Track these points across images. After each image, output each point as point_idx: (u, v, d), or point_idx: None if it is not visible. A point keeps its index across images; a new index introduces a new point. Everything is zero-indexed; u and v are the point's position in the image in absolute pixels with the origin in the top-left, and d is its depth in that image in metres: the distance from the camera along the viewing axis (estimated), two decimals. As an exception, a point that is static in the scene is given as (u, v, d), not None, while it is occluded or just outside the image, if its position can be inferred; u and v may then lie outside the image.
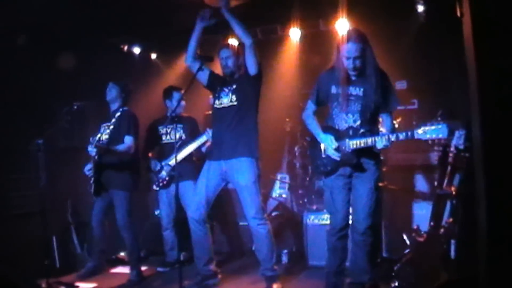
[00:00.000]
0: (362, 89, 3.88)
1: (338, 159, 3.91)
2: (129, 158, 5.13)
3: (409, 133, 3.65)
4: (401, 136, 3.69)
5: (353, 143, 3.83)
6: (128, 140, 5.06)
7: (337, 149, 3.90)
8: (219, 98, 4.71)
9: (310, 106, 4.21)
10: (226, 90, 4.69)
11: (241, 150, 4.57)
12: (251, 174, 4.56)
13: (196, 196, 4.76)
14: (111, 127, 5.18)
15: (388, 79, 3.98)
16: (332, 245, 4.13)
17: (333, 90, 3.99)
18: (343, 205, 4.04)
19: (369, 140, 3.77)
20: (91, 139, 5.00)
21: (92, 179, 5.15)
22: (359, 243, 4.03)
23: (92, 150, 4.96)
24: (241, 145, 4.57)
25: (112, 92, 5.26)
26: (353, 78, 3.92)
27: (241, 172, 4.57)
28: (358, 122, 3.89)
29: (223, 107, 4.67)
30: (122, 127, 5.14)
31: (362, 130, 3.85)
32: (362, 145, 3.81)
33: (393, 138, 3.70)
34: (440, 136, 3.50)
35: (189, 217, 4.72)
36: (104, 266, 5.61)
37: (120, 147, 5.02)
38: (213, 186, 4.70)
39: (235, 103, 4.61)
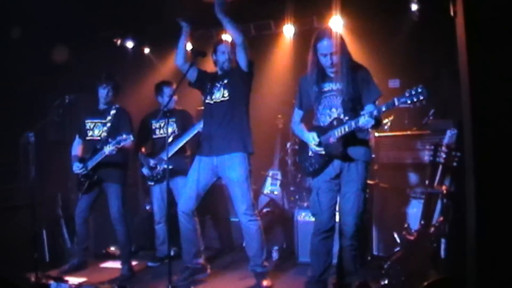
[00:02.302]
0: (341, 84, 3.88)
1: (323, 152, 3.91)
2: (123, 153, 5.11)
3: (390, 103, 3.60)
4: (384, 107, 3.62)
5: (338, 131, 3.82)
6: (131, 138, 5.02)
7: (319, 144, 3.90)
8: (211, 93, 4.70)
9: (297, 113, 4.24)
10: (218, 85, 4.68)
11: (234, 145, 4.56)
12: (243, 169, 4.56)
13: (186, 189, 4.75)
14: (108, 124, 5.16)
15: (366, 70, 3.97)
16: (316, 247, 4.11)
17: (314, 89, 4.00)
18: (328, 206, 4.02)
19: (352, 123, 3.72)
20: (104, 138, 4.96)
21: (84, 176, 5.13)
22: (346, 247, 4.03)
23: (112, 149, 4.83)
24: (234, 140, 4.56)
25: (106, 90, 5.20)
26: (331, 74, 3.95)
27: (233, 168, 4.56)
28: (342, 114, 3.89)
29: (215, 102, 4.66)
30: (121, 125, 5.13)
31: (346, 118, 3.85)
32: (347, 129, 3.76)
33: (375, 112, 3.64)
34: (421, 98, 3.45)
35: (178, 210, 4.72)
36: (87, 263, 5.56)
37: (127, 145, 4.97)
38: (204, 181, 4.69)
39: (227, 98, 4.61)
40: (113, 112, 5.20)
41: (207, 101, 4.73)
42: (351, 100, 3.88)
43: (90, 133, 5.22)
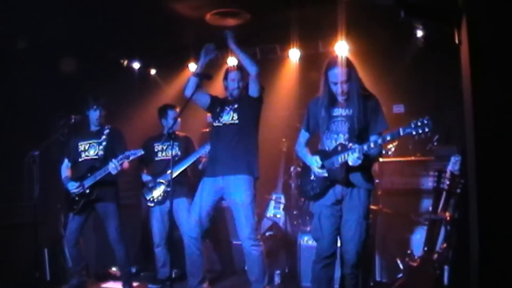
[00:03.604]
0: (350, 110, 3.91)
1: (326, 174, 3.91)
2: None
3: (395, 133, 3.61)
4: (388, 137, 3.65)
5: (342, 157, 3.81)
6: (141, 151, 5.01)
7: (322, 167, 3.90)
8: (220, 116, 4.74)
9: (303, 135, 4.24)
10: (228, 108, 4.73)
11: (241, 168, 4.58)
12: (248, 193, 4.57)
13: (191, 214, 4.75)
14: (104, 143, 5.16)
15: (377, 100, 4.00)
16: (317, 275, 4.06)
17: (323, 113, 4.00)
18: (330, 231, 3.98)
19: (357, 150, 3.72)
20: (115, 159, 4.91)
21: (80, 195, 5.10)
22: (347, 276, 4.00)
23: (114, 169, 4.86)
24: (241, 163, 4.58)
25: (97, 112, 5.21)
26: (341, 101, 3.97)
27: (238, 190, 4.57)
28: (348, 140, 3.90)
29: (224, 124, 4.70)
30: (117, 144, 5.14)
31: (350, 145, 3.85)
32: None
33: (379, 141, 3.67)
34: (426, 130, 3.46)
35: (185, 234, 4.74)
36: (87, 283, 5.50)
37: (125, 165, 5.00)
38: (210, 203, 4.70)
39: (236, 121, 4.65)
40: (106, 131, 5.21)
41: (215, 124, 4.76)
42: (358, 128, 3.89)
43: (84, 154, 5.20)
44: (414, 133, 3.47)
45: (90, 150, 5.18)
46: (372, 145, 3.67)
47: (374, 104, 3.96)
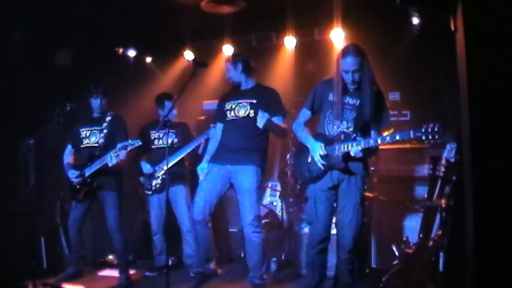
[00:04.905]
0: (358, 100, 3.95)
1: (323, 167, 3.94)
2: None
3: (405, 134, 3.63)
4: (398, 136, 3.71)
5: (344, 146, 3.84)
6: (139, 142, 4.99)
7: (325, 156, 3.92)
8: (234, 110, 4.74)
9: (304, 114, 4.24)
10: (245, 103, 4.72)
11: (251, 159, 4.63)
12: (255, 179, 4.62)
13: (196, 199, 4.77)
14: (105, 130, 5.14)
15: (383, 97, 4.05)
16: (311, 259, 4.14)
17: (330, 97, 4.04)
18: (325, 216, 4.04)
19: (362, 143, 3.77)
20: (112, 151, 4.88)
21: (82, 184, 5.11)
22: (343, 261, 4.05)
23: (111, 160, 4.85)
24: (252, 155, 4.62)
25: (98, 100, 5.19)
26: (351, 90, 3.99)
27: (245, 176, 4.62)
28: (351, 129, 3.93)
29: (241, 117, 4.70)
30: (118, 132, 5.13)
31: (354, 135, 3.87)
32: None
33: (388, 139, 3.75)
34: (436, 137, 3.47)
35: (193, 219, 4.81)
36: (83, 271, 5.53)
37: (122, 157, 4.99)
38: (218, 188, 4.74)
39: (253, 116, 4.64)
40: (108, 119, 5.19)
41: (229, 118, 4.77)
42: (363, 118, 3.92)
43: (86, 141, 5.20)
44: (423, 137, 3.50)
45: (91, 137, 5.18)
46: (379, 141, 3.72)
47: (381, 100, 4.00)
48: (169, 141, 5.38)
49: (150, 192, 5.62)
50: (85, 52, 6.26)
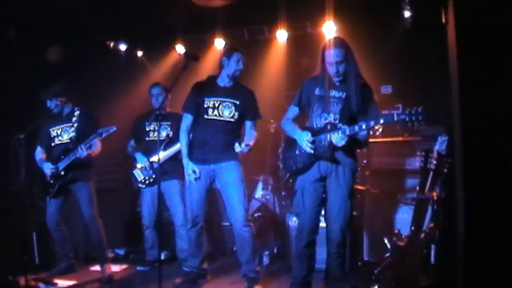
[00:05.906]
0: (344, 93, 3.97)
1: (312, 151, 3.94)
2: None
3: (389, 117, 3.70)
4: (382, 120, 3.77)
5: (330, 136, 3.86)
6: (113, 128, 4.97)
7: (312, 142, 3.93)
8: (217, 109, 4.64)
9: (292, 110, 4.28)
10: (229, 103, 4.65)
11: (234, 155, 4.61)
12: (239, 172, 4.63)
13: (188, 201, 4.76)
14: (75, 125, 5.14)
15: (370, 90, 4.05)
16: (300, 252, 4.14)
17: (316, 92, 4.07)
18: (312, 207, 4.05)
19: (347, 130, 3.79)
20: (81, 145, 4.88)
21: (56, 178, 5.09)
22: (333, 254, 4.07)
23: (82, 152, 4.87)
24: (233, 151, 4.55)
25: (53, 103, 5.17)
26: (337, 83, 4.01)
27: (231, 170, 4.62)
28: (338, 120, 3.95)
29: (226, 119, 4.63)
30: (88, 127, 5.08)
31: (340, 125, 3.88)
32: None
33: (372, 123, 3.78)
34: (420, 118, 3.49)
35: (188, 226, 4.78)
36: (75, 265, 5.54)
37: (96, 148, 5.06)
38: (206, 189, 4.72)
39: (236, 119, 4.64)
40: (77, 113, 5.19)
41: (210, 116, 4.65)
42: (349, 110, 3.93)
43: (57, 139, 5.19)
44: (407, 119, 3.52)
45: (63, 134, 5.18)
46: (364, 126, 3.73)
47: (368, 93, 4.01)
48: (164, 134, 5.36)
49: (143, 186, 5.58)
50: (76, 46, 6.21)
